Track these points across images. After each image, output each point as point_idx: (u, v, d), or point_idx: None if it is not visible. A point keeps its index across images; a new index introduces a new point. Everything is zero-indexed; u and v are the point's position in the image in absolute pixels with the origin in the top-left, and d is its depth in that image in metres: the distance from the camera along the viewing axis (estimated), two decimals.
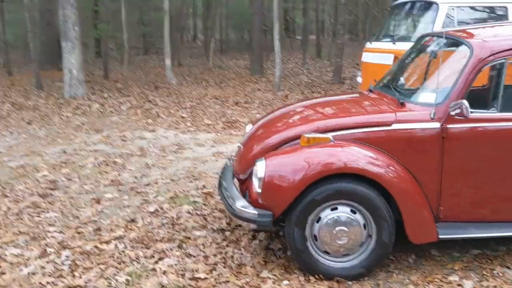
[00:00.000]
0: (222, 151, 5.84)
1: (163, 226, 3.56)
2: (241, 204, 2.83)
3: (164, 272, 2.87)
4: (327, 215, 2.71)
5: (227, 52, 24.51)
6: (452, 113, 2.68)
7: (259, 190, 2.74)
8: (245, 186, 3.07)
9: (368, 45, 6.98)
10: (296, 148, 2.78)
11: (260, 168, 2.74)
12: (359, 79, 7.03)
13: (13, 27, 18.84)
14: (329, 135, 2.77)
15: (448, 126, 2.70)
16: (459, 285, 2.77)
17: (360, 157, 2.67)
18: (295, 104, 3.55)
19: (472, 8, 5.92)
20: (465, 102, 2.61)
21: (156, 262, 2.99)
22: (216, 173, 4.93)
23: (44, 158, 5.62)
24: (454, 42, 3.06)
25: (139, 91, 10.56)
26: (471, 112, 2.64)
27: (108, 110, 8.59)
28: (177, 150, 5.99)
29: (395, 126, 2.75)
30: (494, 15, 5.89)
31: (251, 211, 2.72)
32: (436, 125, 2.71)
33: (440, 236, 2.72)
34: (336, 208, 2.71)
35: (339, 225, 2.70)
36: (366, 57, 6.75)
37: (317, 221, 2.73)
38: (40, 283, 2.78)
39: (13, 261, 3.02)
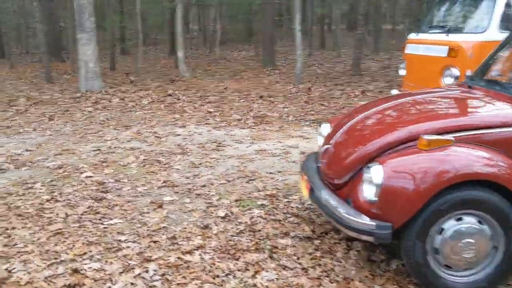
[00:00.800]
0: (264, 149, 5.59)
1: (242, 234, 3.32)
2: (350, 214, 2.60)
3: None
4: (451, 226, 2.49)
5: (226, 43, 24.12)
6: None
7: (375, 199, 2.51)
8: (342, 193, 2.84)
9: (413, 36, 6.72)
10: (416, 152, 2.54)
11: (376, 174, 2.50)
12: (402, 72, 6.80)
13: (5, 17, 18.22)
14: (450, 136, 2.55)
15: None
16: None
17: (491, 163, 2.45)
18: (384, 102, 3.30)
19: None
20: None
21: (254, 276, 2.75)
22: (269, 172, 4.70)
23: (81, 156, 5.32)
24: None
25: (156, 85, 10.23)
26: None
27: (130, 105, 8.27)
28: (217, 147, 5.73)
29: None
30: None
31: (368, 222, 2.49)
32: None
33: None
34: (461, 219, 2.50)
35: (465, 237, 2.48)
36: (413, 49, 6.50)
37: (440, 233, 2.51)
38: None
39: (95, 277, 2.75)
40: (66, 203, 3.90)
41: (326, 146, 3.12)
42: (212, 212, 3.70)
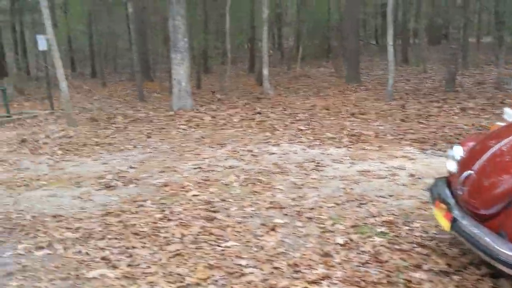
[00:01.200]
0: (368, 170, 5.32)
1: (368, 264, 3.09)
2: (507, 248, 2.30)
3: None
4: None
5: (304, 60, 24.05)
6: None
7: None
8: (492, 224, 2.54)
9: None
10: None
11: None
12: None
13: (98, 38, 19.40)
14: None
15: None
16: None
17: None
18: None
19: None
20: None
21: None
22: (379, 196, 4.44)
23: (183, 174, 5.38)
24: None
25: (243, 102, 10.31)
26: None
27: (221, 122, 8.36)
28: (316, 167, 5.55)
29: None
30: None
31: None
32: None
33: None
34: None
35: None
36: None
37: None
38: None
39: None
40: (178, 222, 3.90)
41: (467, 173, 2.82)
42: (329, 238, 3.51)
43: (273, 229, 3.71)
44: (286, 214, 4.05)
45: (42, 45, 9.53)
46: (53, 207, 4.40)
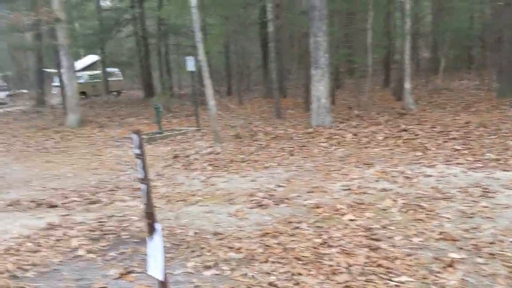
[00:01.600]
0: None
1: None
2: None
3: None
4: None
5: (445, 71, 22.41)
6: None
7: None
8: None
9: None
10: None
11: None
12: None
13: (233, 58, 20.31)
14: None
15: None
16: None
17: None
18: None
19: None
20: None
21: None
22: None
23: (333, 196, 5.17)
24: None
25: (384, 119, 9.84)
26: None
27: (364, 140, 8.02)
28: (484, 193, 4.92)
29: None
30: None
31: None
32: None
33: None
34: None
35: None
36: None
37: None
38: None
39: None
40: (340, 249, 3.68)
41: None
42: None
43: (450, 265, 3.30)
44: (461, 248, 3.60)
45: (190, 66, 10.18)
46: (212, 224, 4.50)
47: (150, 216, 2.53)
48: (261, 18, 18.96)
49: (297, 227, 4.25)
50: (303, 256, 3.59)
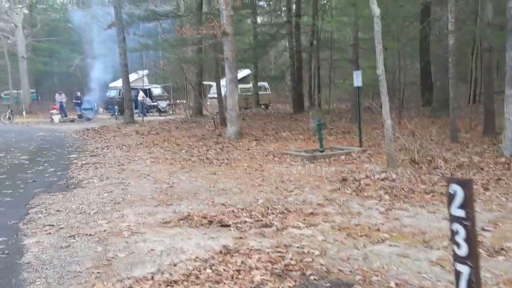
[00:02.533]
0: None
1: None
2: None
3: None
4: None
5: None
6: None
7: None
8: None
9: None
10: None
11: None
12: None
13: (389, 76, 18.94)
14: None
15: None
16: None
17: None
18: None
19: None
20: None
21: None
22: None
23: None
24: None
25: None
26: None
27: None
28: None
29: None
30: None
31: None
32: None
33: None
34: None
35: None
36: None
37: None
38: None
39: None
40: None
41: None
42: None
43: None
44: None
45: (357, 81, 9.48)
46: (414, 274, 3.68)
47: None
48: (423, 32, 17.56)
49: None
50: None
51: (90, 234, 4.97)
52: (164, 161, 9.87)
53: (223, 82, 16.15)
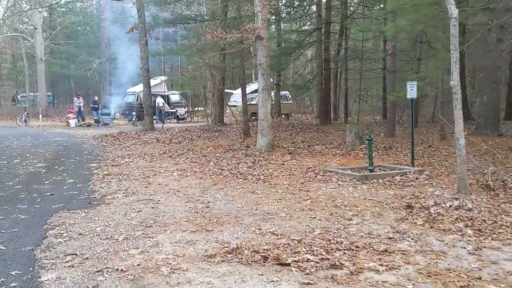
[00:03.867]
0: None
1: None
2: None
3: None
4: None
5: None
6: None
7: None
8: None
9: None
10: None
11: None
12: None
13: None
14: None
15: None
16: None
17: None
18: None
19: None
20: None
21: None
22: None
23: None
24: None
25: None
26: None
27: None
28: None
29: None
30: None
31: None
32: None
33: None
34: None
35: None
36: None
37: None
38: None
39: None
40: None
41: None
42: None
43: None
44: None
45: (411, 93, 8.54)
46: None
47: None
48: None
49: None
50: None
51: (121, 270, 4.07)
52: (192, 174, 8.98)
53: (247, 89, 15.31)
